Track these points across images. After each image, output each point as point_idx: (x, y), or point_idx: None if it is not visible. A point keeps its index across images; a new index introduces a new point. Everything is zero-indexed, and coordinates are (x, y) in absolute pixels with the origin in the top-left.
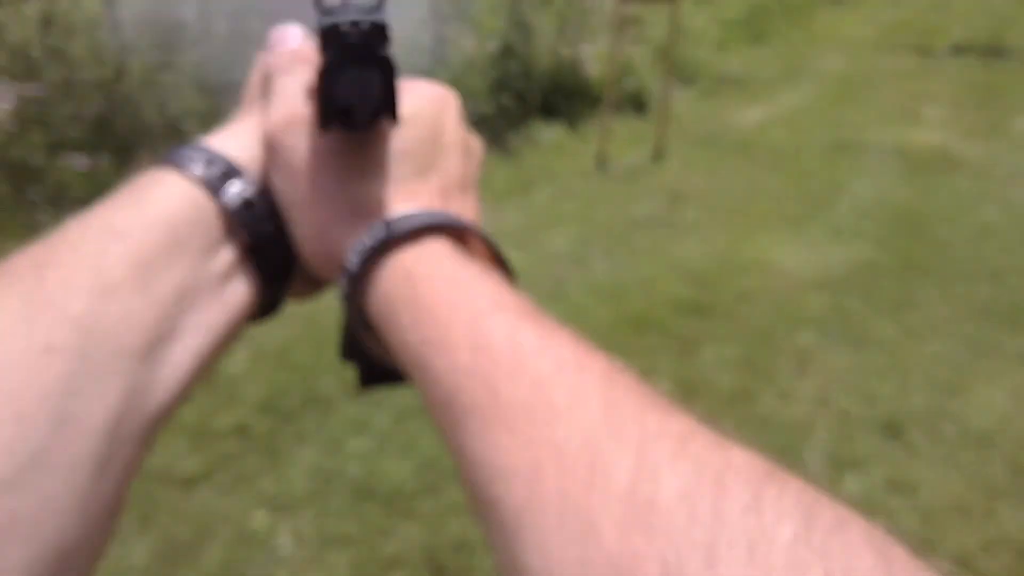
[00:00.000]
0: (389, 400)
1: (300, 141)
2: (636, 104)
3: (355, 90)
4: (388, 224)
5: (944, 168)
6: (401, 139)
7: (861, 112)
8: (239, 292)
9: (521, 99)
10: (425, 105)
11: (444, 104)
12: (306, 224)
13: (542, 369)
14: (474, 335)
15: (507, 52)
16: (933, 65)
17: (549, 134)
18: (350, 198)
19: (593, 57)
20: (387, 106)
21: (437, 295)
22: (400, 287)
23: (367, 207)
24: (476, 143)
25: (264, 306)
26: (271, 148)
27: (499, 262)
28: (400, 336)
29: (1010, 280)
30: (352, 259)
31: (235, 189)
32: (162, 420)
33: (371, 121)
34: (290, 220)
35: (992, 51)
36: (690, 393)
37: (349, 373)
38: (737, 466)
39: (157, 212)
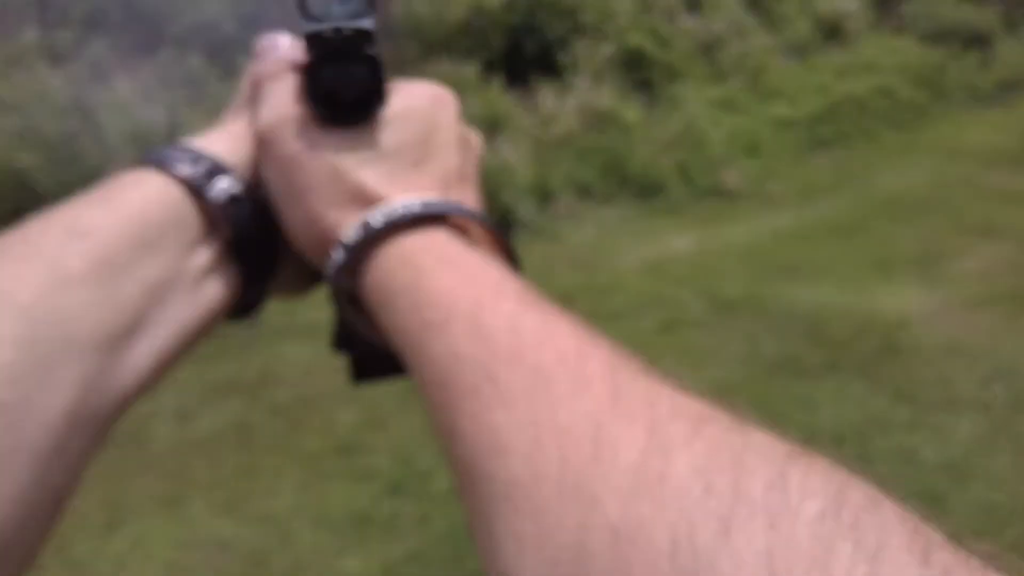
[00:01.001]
0: None
1: (293, 135)
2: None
3: (338, 82)
4: (389, 210)
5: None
6: (395, 132)
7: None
8: (216, 290)
9: None
10: (419, 102)
11: (440, 101)
12: (300, 212)
13: (543, 359)
14: (474, 321)
15: None
16: None
17: None
18: (346, 186)
19: None
20: (373, 96)
21: (438, 280)
22: (400, 271)
23: (363, 194)
24: (474, 137)
25: (243, 304)
26: (263, 143)
27: (504, 250)
28: (398, 320)
29: None
30: (350, 236)
31: (222, 185)
32: (120, 411)
33: (361, 111)
34: (282, 211)
35: None
36: None
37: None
38: (758, 446)
39: (129, 211)
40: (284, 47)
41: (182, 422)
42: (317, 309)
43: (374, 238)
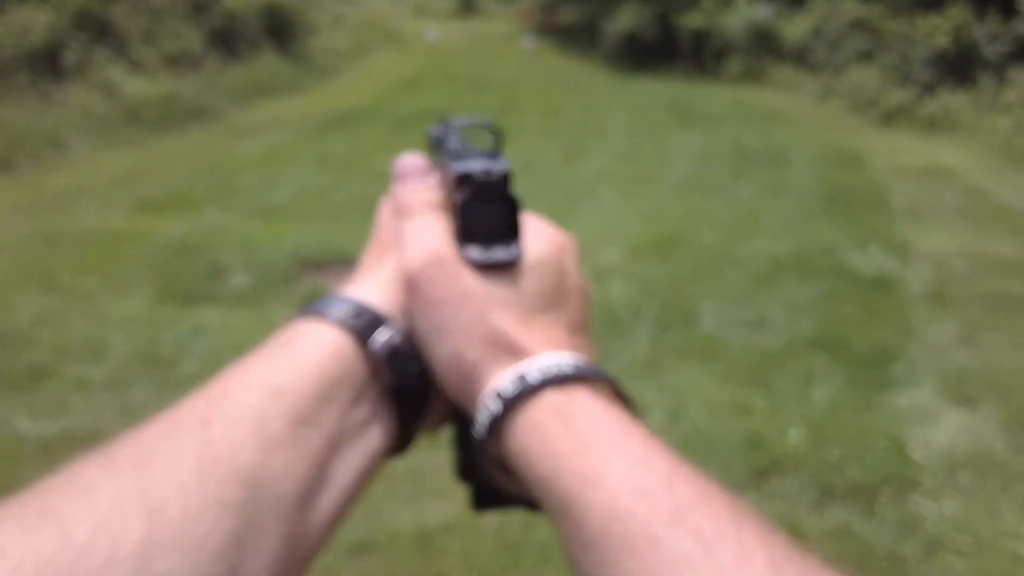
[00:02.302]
0: None
1: (442, 277)
2: None
3: (485, 219)
4: (545, 367)
5: None
6: (532, 278)
7: None
8: (379, 435)
9: None
10: (552, 249)
11: (567, 249)
12: (445, 350)
13: (703, 522)
14: (632, 478)
15: None
16: None
17: None
18: (488, 327)
19: None
20: (513, 232)
21: (590, 433)
22: (551, 421)
23: (504, 338)
24: (587, 286)
25: (400, 442)
26: (412, 285)
27: (629, 407)
28: (547, 467)
29: None
30: (507, 389)
31: (383, 337)
32: (312, 561)
33: (505, 257)
34: (428, 348)
35: None
36: None
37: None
38: None
39: (310, 367)
40: (420, 170)
41: None
42: None
43: (528, 392)
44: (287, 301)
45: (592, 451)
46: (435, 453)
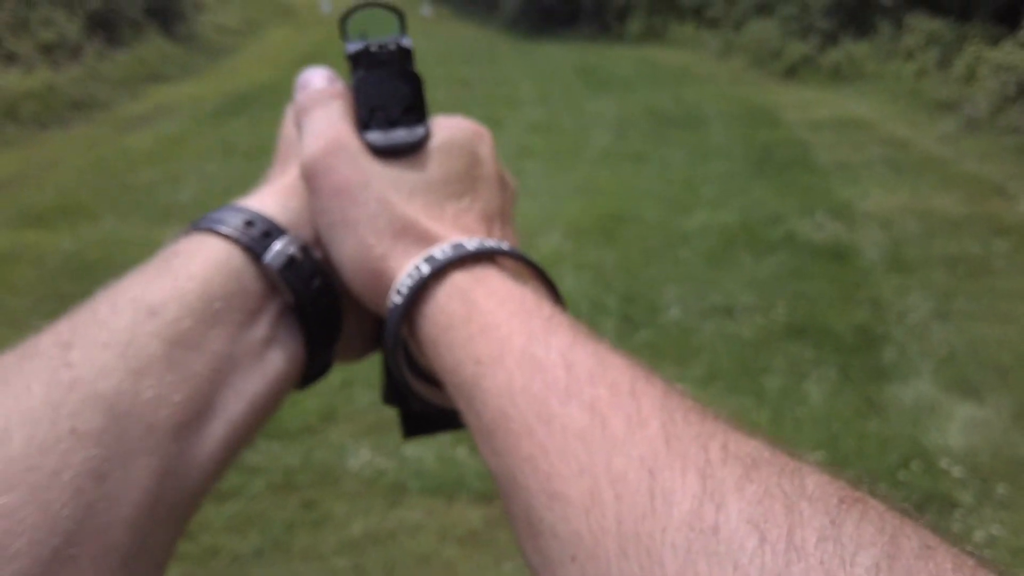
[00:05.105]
0: None
1: (341, 164)
2: None
3: (385, 94)
4: (444, 249)
5: None
6: (440, 164)
7: None
8: (281, 358)
9: None
10: (461, 133)
11: (479, 136)
12: (350, 244)
13: (598, 394)
14: (529, 355)
15: None
16: None
17: None
18: (394, 218)
19: None
20: (416, 114)
21: (493, 315)
22: (456, 305)
23: (413, 228)
24: (511, 178)
25: (310, 370)
26: (310, 174)
27: (549, 288)
28: (451, 355)
29: None
30: (413, 275)
31: (278, 247)
32: (199, 499)
33: (408, 139)
34: (332, 247)
35: None
36: None
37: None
38: (811, 491)
39: (193, 284)
40: (323, 77)
41: None
42: None
43: (433, 277)
44: None
45: (492, 333)
46: None
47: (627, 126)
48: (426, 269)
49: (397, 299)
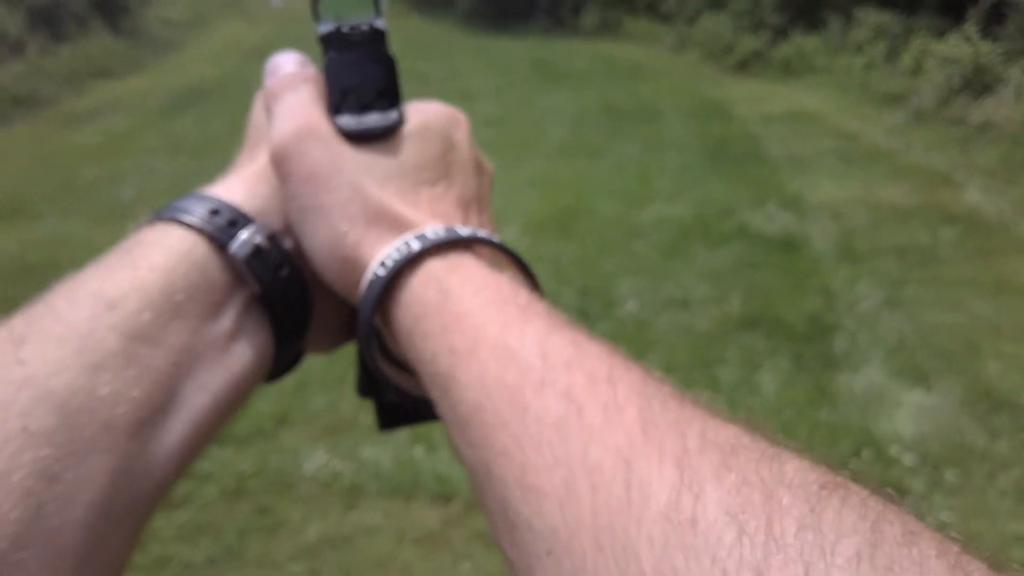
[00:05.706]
0: None
1: (312, 149)
2: None
3: (357, 76)
4: (419, 236)
5: None
6: (414, 149)
7: None
8: (248, 351)
9: None
10: (436, 118)
11: (455, 121)
12: (321, 231)
13: (574, 381)
14: (503, 344)
15: None
16: None
17: None
18: (367, 203)
19: None
20: (389, 97)
21: (467, 303)
22: (430, 294)
23: (387, 215)
24: (488, 163)
25: (280, 362)
26: (280, 160)
27: (526, 275)
28: (426, 346)
29: None
30: (387, 264)
31: (244, 236)
32: (158, 499)
33: (381, 123)
34: (303, 235)
35: None
36: None
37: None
38: (791, 478)
39: (154, 276)
40: (294, 62)
41: None
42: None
43: (408, 263)
44: None
45: (466, 322)
46: None
47: (582, 120)
48: (400, 256)
49: (370, 287)
